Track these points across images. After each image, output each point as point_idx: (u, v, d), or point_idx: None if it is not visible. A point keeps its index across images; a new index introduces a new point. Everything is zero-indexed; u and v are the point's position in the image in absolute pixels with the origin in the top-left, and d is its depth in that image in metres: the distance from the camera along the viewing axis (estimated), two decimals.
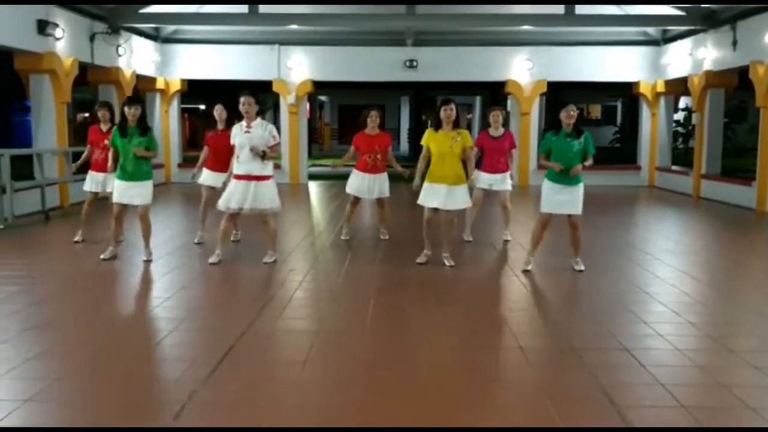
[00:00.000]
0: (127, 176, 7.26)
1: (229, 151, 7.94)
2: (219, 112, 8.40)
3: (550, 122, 25.32)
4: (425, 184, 7.16)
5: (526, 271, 7.04)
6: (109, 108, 8.64)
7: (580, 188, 6.87)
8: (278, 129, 9.29)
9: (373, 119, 8.51)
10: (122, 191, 7.30)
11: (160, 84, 16.56)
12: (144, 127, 7.31)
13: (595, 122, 36.26)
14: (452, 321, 5.46)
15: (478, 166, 8.41)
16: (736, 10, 12.70)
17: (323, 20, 15.30)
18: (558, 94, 19.11)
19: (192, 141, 33.25)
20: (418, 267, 7.33)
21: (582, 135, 6.83)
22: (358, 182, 8.60)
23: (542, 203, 6.98)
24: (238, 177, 7.08)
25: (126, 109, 7.24)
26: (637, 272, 7.18)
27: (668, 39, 16.05)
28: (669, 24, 15.10)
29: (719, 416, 3.69)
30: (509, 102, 17.53)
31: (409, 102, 31.73)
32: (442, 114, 7.02)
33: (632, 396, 3.93)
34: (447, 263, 7.29)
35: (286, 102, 16.75)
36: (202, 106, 32.55)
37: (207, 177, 8.46)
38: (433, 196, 7.09)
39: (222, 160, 8.18)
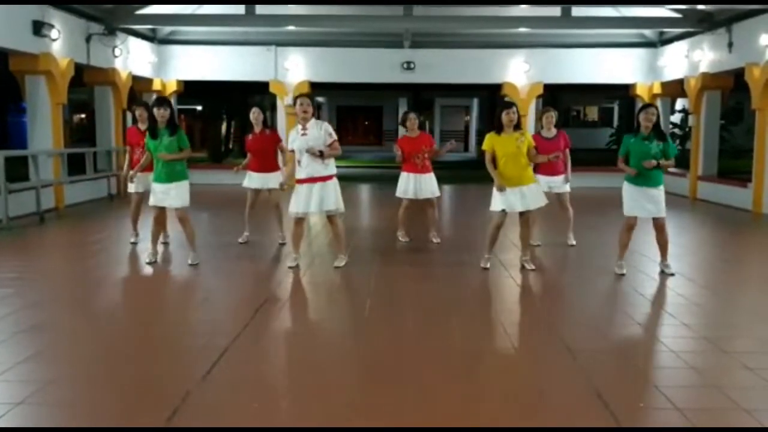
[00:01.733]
0: (162, 178, 7.12)
1: (270, 152, 8.23)
2: (256, 115, 8.46)
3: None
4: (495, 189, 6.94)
5: (622, 275, 6.93)
6: (147, 107, 8.60)
7: (661, 189, 6.90)
8: (274, 130, 9.31)
9: (411, 122, 8.58)
10: (159, 194, 7.17)
11: (156, 85, 16.53)
12: (173, 126, 7.18)
13: (591, 124, 36.31)
14: (447, 322, 5.45)
15: (535, 169, 8.28)
16: (732, 12, 12.73)
17: (320, 21, 15.31)
18: (555, 96, 19.12)
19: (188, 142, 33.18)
20: (413, 268, 7.33)
21: (663, 137, 6.85)
22: (408, 184, 8.60)
23: (625, 207, 6.94)
24: (301, 181, 6.93)
25: (155, 110, 7.08)
26: (632, 274, 7.17)
27: (665, 41, 16.07)
28: (665, 26, 15.12)
29: (712, 418, 3.68)
30: None
31: (407, 103, 31.73)
32: (504, 118, 6.88)
33: (626, 398, 3.92)
34: (528, 267, 7.17)
35: (283, 103, 16.74)
36: (199, 107, 32.49)
37: (250, 180, 8.46)
38: (511, 200, 6.90)
39: (263, 162, 8.30)
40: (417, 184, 8.57)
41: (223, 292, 6.63)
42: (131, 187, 8.18)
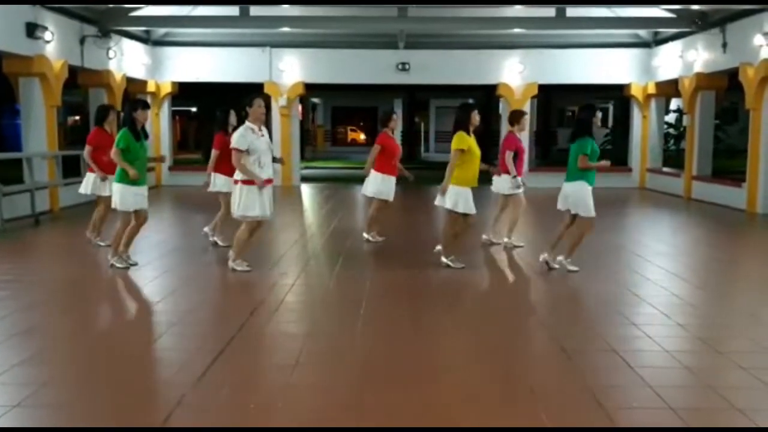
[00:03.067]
0: (143, 181, 7.15)
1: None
2: (233, 117, 8.28)
3: (544, 125, 25.03)
4: (462, 190, 6.91)
5: (574, 271, 6.97)
6: (118, 113, 8.61)
7: None
8: (270, 131, 9.29)
9: (395, 122, 8.61)
10: (140, 197, 7.15)
11: (150, 87, 16.50)
12: (144, 129, 7.23)
13: None
14: (441, 323, 5.46)
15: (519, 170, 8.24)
16: (726, 12, 12.78)
17: (314, 23, 15.31)
18: (549, 96, 19.14)
19: (183, 144, 33.23)
20: (408, 269, 7.33)
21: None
22: (388, 185, 8.53)
23: (592, 208, 6.89)
24: (266, 182, 6.83)
25: (141, 111, 7.05)
26: (626, 274, 7.19)
27: (659, 41, 16.11)
28: (660, 26, 15.16)
29: (706, 417, 3.70)
30: (500, 105, 17.57)
31: (402, 104, 31.77)
32: (476, 117, 6.87)
33: (621, 397, 3.94)
34: (454, 265, 7.18)
35: (277, 104, 16.73)
36: (193, 109, 32.49)
37: (227, 183, 7.94)
38: (470, 201, 6.96)
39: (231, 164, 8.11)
40: (393, 187, 8.58)
41: (217, 295, 6.63)
42: (102, 190, 8.13)
